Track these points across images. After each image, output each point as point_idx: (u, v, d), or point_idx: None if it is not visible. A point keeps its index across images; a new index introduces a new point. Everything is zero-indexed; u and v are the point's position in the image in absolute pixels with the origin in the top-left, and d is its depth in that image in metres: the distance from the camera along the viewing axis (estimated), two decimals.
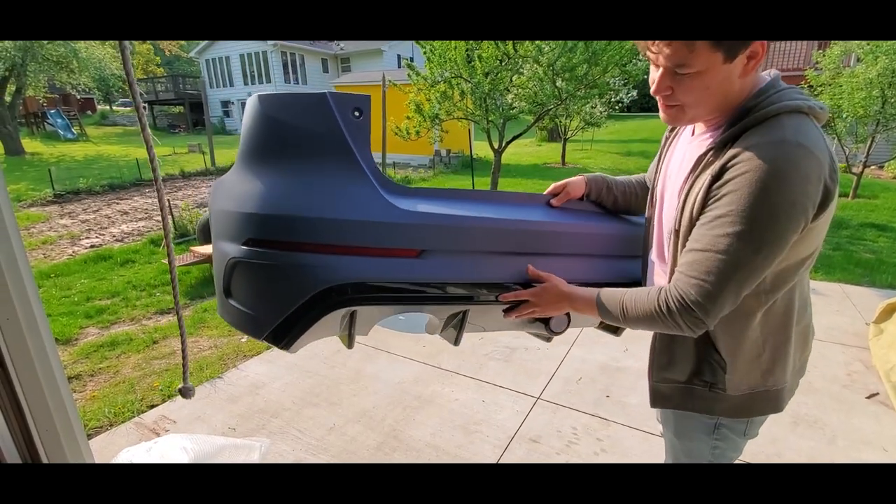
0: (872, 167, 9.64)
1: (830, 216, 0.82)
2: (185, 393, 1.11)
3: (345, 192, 0.93)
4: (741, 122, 0.80)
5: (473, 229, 1.00)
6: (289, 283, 0.92)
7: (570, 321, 1.14)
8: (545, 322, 1.13)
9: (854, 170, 8.14)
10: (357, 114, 0.93)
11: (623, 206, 1.22)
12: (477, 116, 6.57)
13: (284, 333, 0.96)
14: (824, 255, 4.83)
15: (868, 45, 7.34)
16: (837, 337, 3.07)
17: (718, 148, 0.82)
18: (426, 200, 1.00)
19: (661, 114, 0.88)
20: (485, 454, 2.06)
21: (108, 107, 30.27)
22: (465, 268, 1.00)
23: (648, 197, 1.09)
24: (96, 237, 6.57)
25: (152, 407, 2.50)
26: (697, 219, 0.83)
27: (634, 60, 6.74)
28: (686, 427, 1.05)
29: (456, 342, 1.20)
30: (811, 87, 8.38)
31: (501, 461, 2.02)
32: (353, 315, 1.00)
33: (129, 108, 28.25)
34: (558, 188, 1.18)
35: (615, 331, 1.31)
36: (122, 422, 2.38)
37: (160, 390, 2.65)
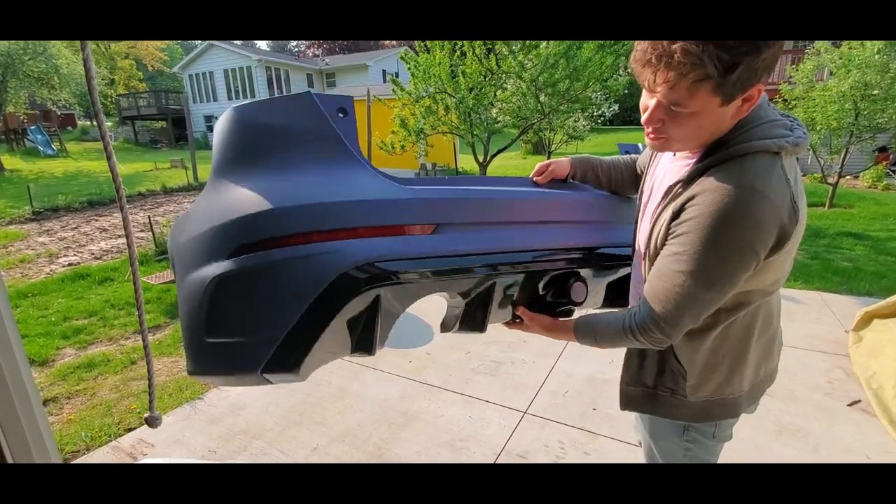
0: (847, 177, 9.92)
1: (792, 251, 0.85)
2: (152, 422, 1.06)
3: (348, 177, 0.91)
4: (708, 159, 0.82)
5: (481, 202, 1.02)
6: (299, 278, 0.83)
7: (587, 291, 1.17)
8: (565, 294, 1.16)
9: (830, 180, 8.38)
10: (342, 114, 0.93)
11: (608, 188, 1.26)
12: (462, 131, 6.63)
13: (290, 351, 0.85)
14: (803, 264, 4.93)
15: (840, 58, 7.61)
16: (817, 345, 3.12)
17: (686, 182, 0.84)
18: (429, 185, 1.01)
19: (647, 140, 0.88)
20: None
21: (88, 122, 29.89)
22: (480, 239, 1.01)
23: (637, 200, 1.11)
24: (74, 255, 6.43)
25: (130, 430, 2.42)
26: (661, 248, 0.87)
27: (615, 76, 6.90)
28: (658, 428, 1.10)
29: (482, 326, 1.14)
30: (785, 101, 8.64)
31: None
32: (373, 312, 0.93)
33: (110, 123, 27.93)
34: (542, 168, 1.21)
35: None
36: (99, 446, 2.30)
37: (138, 413, 2.57)
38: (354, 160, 0.93)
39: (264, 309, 0.85)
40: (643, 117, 0.84)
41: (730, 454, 2.13)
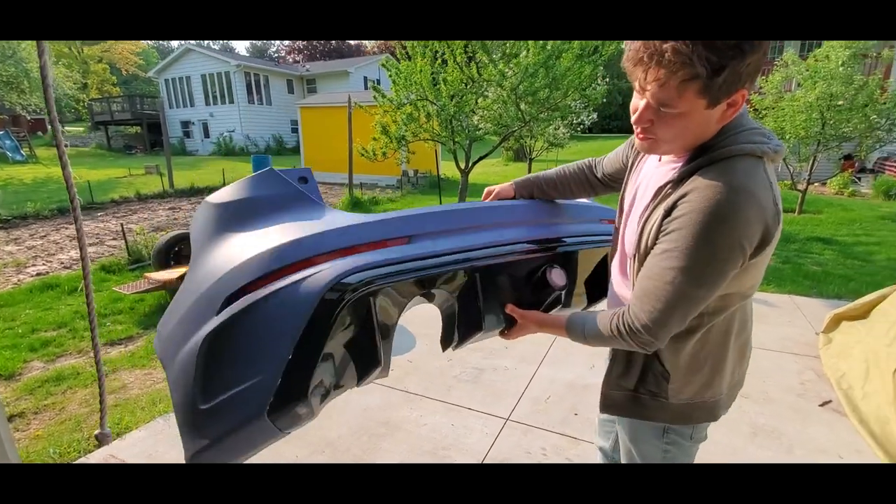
0: (815, 184, 10.29)
1: (770, 254, 0.88)
2: (102, 439, 1.03)
3: (320, 217, 1.00)
4: (697, 161, 0.85)
5: (448, 213, 1.13)
6: (290, 303, 0.87)
7: (567, 278, 1.24)
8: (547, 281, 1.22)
9: (799, 187, 8.66)
10: (303, 182, 1.06)
11: (559, 199, 1.34)
12: (443, 138, 6.65)
13: (295, 380, 0.85)
14: (775, 268, 5.08)
15: (807, 70, 7.92)
16: (790, 347, 3.20)
17: (676, 182, 0.87)
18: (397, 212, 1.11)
19: (636, 141, 0.91)
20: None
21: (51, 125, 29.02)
22: (447, 242, 1.09)
23: (618, 204, 1.14)
24: (43, 264, 6.20)
25: (100, 446, 2.33)
26: (652, 247, 0.88)
27: (593, 85, 7.03)
28: (639, 431, 1.12)
29: (479, 324, 1.17)
30: (756, 110, 8.93)
31: None
32: (369, 324, 0.97)
33: (82, 129, 27.20)
34: (488, 193, 1.31)
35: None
36: (68, 462, 2.21)
37: (109, 427, 2.48)
38: (324, 207, 1.04)
39: (260, 345, 0.88)
40: (633, 117, 0.87)
41: (707, 457, 2.17)
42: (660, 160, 0.99)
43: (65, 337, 3.81)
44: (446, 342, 1.21)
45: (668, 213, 0.85)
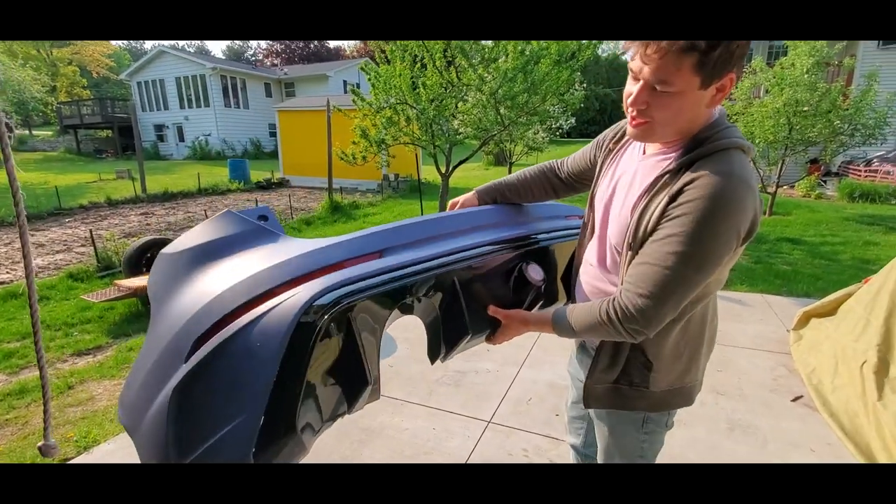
0: (784, 187, 10.65)
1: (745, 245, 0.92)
2: (46, 451, 0.98)
3: (289, 244, 0.98)
4: (697, 150, 0.88)
5: (417, 224, 1.13)
6: (264, 334, 0.82)
7: (544, 272, 1.24)
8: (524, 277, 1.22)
9: (769, 190, 8.95)
10: (263, 220, 1.05)
11: (523, 202, 1.36)
12: (423, 142, 6.65)
13: (280, 412, 0.80)
14: (747, 268, 5.22)
15: (774, 77, 8.20)
16: (762, 344, 3.29)
17: (674, 172, 0.89)
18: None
19: (629, 129, 0.93)
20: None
21: (27, 131, 28.06)
22: (420, 251, 1.08)
23: (588, 202, 1.16)
24: (6, 273, 5.95)
25: (66, 461, 2.23)
26: (651, 234, 0.89)
27: (571, 90, 7.13)
28: (618, 424, 1.14)
29: (466, 328, 1.15)
30: (727, 116, 9.19)
31: None
32: (352, 342, 0.93)
33: (50, 133, 26.32)
34: (453, 204, 1.32)
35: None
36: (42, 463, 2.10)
37: (75, 441, 2.38)
38: (286, 237, 1.02)
39: (237, 384, 0.82)
40: (629, 101, 0.89)
41: (687, 453, 2.20)
42: (644, 153, 1.00)
43: (29, 348, 3.64)
44: (434, 354, 1.19)
45: (673, 198, 0.86)
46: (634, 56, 0.84)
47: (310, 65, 31.25)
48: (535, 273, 1.21)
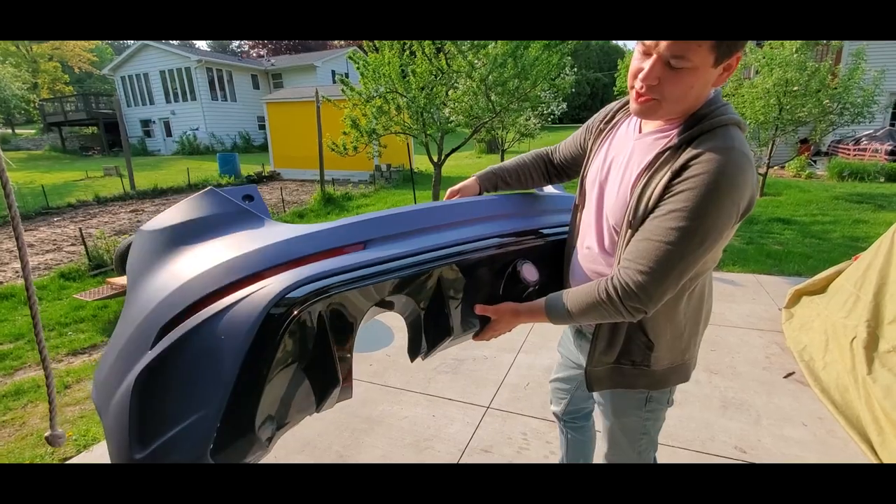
0: (775, 167, 10.71)
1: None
2: (54, 441, 0.98)
3: (270, 229, 0.93)
4: (697, 127, 0.88)
5: (404, 215, 1.06)
6: (231, 325, 0.79)
7: (546, 270, 1.19)
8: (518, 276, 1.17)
9: (760, 170, 8.99)
10: (248, 201, 0.99)
11: (521, 188, 1.34)
12: (415, 131, 6.60)
13: (240, 408, 0.78)
14: (739, 249, 5.27)
15: (764, 57, 8.20)
16: (755, 323, 3.33)
17: (676, 148, 0.89)
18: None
19: (633, 106, 0.92)
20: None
21: (9, 130, 27.51)
22: (405, 244, 1.03)
23: (578, 187, 1.15)
24: None
25: (66, 460, 2.23)
26: (652, 211, 0.89)
27: (562, 75, 7.09)
28: (621, 405, 1.15)
29: (449, 329, 1.10)
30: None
31: None
32: (324, 338, 0.89)
33: (33, 131, 25.82)
34: (453, 193, 1.28)
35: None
36: (41, 463, 2.11)
37: (74, 440, 2.38)
38: (267, 221, 0.97)
39: (198, 378, 0.79)
40: (640, 76, 0.87)
41: (682, 431, 2.23)
42: (640, 131, 1.00)
43: (23, 349, 3.62)
44: (414, 352, 1.14)
45: (676, 174, 0.86)
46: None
47: (297, 55, 30.79)
48: (529, 273, 1.15)
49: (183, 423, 0.79)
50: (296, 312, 0.82)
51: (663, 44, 0.81)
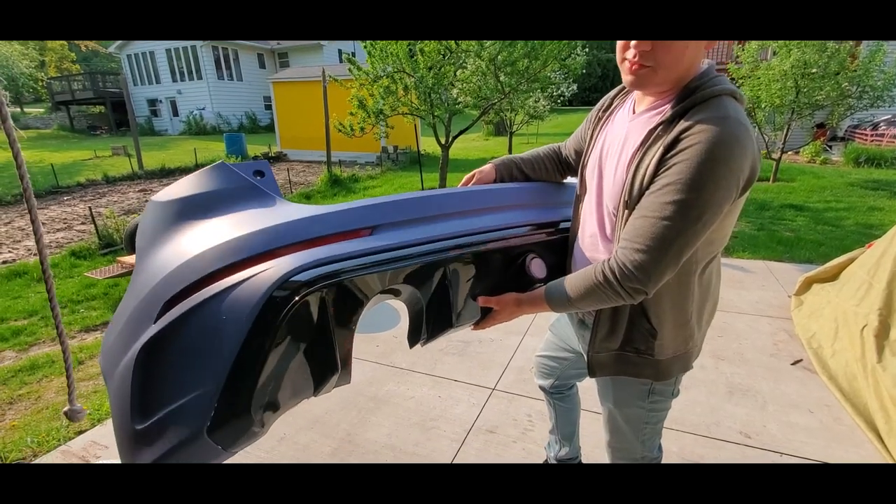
0: (790, 153, 10.51)
1: (746, 195, 0.90)
2: (72, 416, 1.00)
3: (280, 208, 0.92)
4: (690, 99, 0.85)
5: (415, 200, 1.04)
6: (233, 305, 0.79)
7: (547, 268, 1.17)
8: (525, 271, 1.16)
9: (773, 156, 8.83)
10: (259, 176, 0.99)
11: (535, 180, 1.31)
12: (422, 111, 6.53)
13: (235, 393, 0.78)
14: (750, 236, 5.21)
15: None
16: (764, 310, 3.31)
17: (668, 122, 0.86)
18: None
19: (626, 77, 0.90)
20: (442, 450, 2.05)
21: (18, 109, 27.57)
22: (416, 231, 1.01)
23: (578, 177, 1.13)
24: (9, 252, 5.96)
25: (81, 433, 2.29)
26: (647, 188, 0.86)
27: (573, 55, 6.94)
28: (624, 396, 1.14)
29: (450, 320, 1.09)
30: (733, 79, 8.99)
31: (459, 454, 2.02)
32: (325, 326, 0.88)
33: (42, 110, 25.87)
34: (468, 179, 1.26)
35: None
36: (48, 451, 2.16)
37: (88, 414, 2.43)
38: (277, 200, 0.96)
39: (198, 356, 0.80)
40: (632, 44, 0.85)
41: (687, 416, 2.24)
42: (633, 112, 0.98)
43: (36, 325, 3.69)
44: (413, 340, 1.13)
45: (669, 148, 0.84)
46: None
47: None
48: (537, 270, 1.13)
49: (181, 400, 0.80)
50: (298, 297, 0.82)
51: None
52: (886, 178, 8.93)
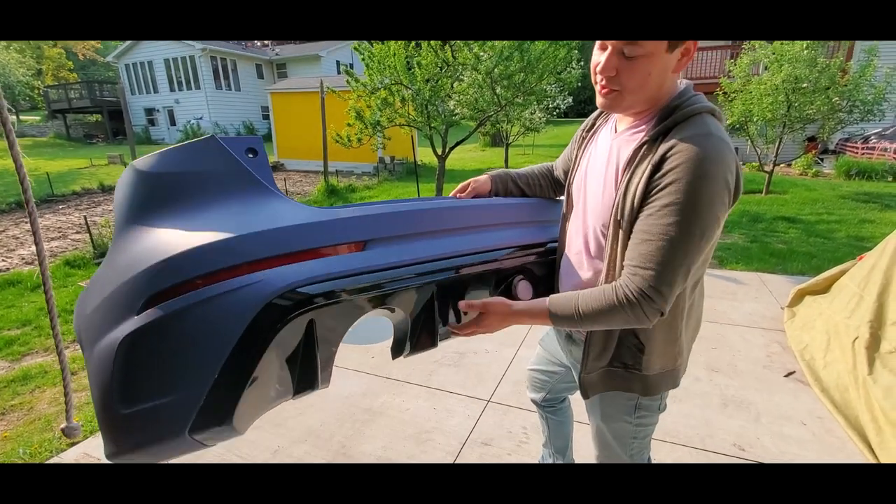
0: (782, 165, 10.63)
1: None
2: (69, 433, 0.99)
3: (263, 209, 0.87)
4: (671, 118, 0.88)
5: (409, 214, 1.02)
6: (219, 318, 0.78)
7: (533, 291, 1.16)
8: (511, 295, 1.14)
9: (766, 168, 8.93)
10: (251, 155, 0.92)
11: (529, 196, 1.33)
12: (419, 123, 6.58)
13: (219, 401, 0.78)
14: (743, 248, 5.25)
15: (773, 53, 8.11)
16: (756, 322, 3.34)
17: (652, 141, 0.89)
18: (356, 207, 1.00)
19: (599, 100, 0.93)
20: (437, 462, 2.04)
21: (14, 117, 27.53)
22: (410, 250, 0.99)
23: (565, 196, 1.15)
24: (2, 261, 5.93)
25: (73, 444, 2.27)
26: (640, 209, 0.88)
27: (568, 69, 7.04)
28: (611, 411, 1.15)
29: (434, 341, 1.09)
30: (725, 93, 9.12)
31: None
32: (310, 343, 0.88)
33: (38, 118, 25.85)
34: (464, 187, 1.26)
35: None
36: (40, 462, 2.14)
37: (81, 425, 2.41)
38: (270, 193, 0.90)
39: (184, 360, 0.79)
40: (598, 69, 0.89)
41: (681, 429, 2.24)
42: (615, 131, 1.00)
43: (29, 335, 3.67)
44: (397, 352, 1.12)
45: (657, 166, 0.85)
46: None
47: (302, 45, 30.58)
48: (524, 293, 1.12)
49: (165, 399, 0.79)
50: (288, 316, 0.82)
51: None
52: (877, 190, 9.05)
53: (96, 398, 0.82)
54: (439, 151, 6.91)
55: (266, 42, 40.07)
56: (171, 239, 0.82)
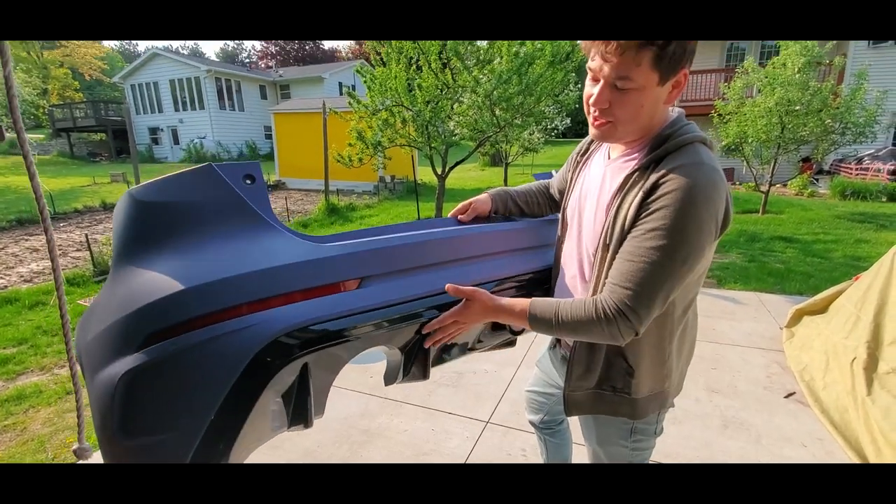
0: (777, 185, 10.74)
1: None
2: (80, 454, 0.99)
3: (260, 245, 0.87)
4: (663, 147, 0.90)
5: (407, 248, 1.00)
6: (216, 361, 0.79)
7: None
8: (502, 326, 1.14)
9: (762, 188, 9.02)
10: (249, 181, 0.91)
11: (528, 214, 1.34)
12: (419, 143, 6.67)
13: (216, 440, 0.80)
14: (741, 267, 5.27)
15: (766, 77, 8.28)
16: (756, 342, 3.33)
17: (644, 168, 0.91)
18: (347, 239, 1.00)
19: (592, 131, 0.96)
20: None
21: (17, 135, 27.78)
22: (407, 285, 0.98)
23: (560, 218, 1.17)
24: (1, 278, 5.93)
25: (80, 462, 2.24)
26: (629, 232, 0.90)
27: (566, 91, 7.17)
28: (606, 435, 1.14)
29: (425, 373, 1.11)
30: (720, 115, 9.28)
31: None
32: (304, 383, 0.89)
33: (42, 136, 26.13)
34: (464, 207, 1.27)
35: (511, 344, 1.35)
36: (39, 463, 2.11)
37: (91, 448, 2.38)
38: (266, 226, 0.90)
39: (182, 400, 0.80)
40: (591, 101, 0.91)
41: (681, 450, 2.23)
42: (608, 158, 1.03)
43: (25, 354, 3.64)
44: (390, 380, 1.13)
45: (649, 193, 0.87)
46: (594, 56, 0.87)
47: (305, 67, 31.19)
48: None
49: (161, 435, 0.80)
50: (285, 358, 0.83)
51: (607, 68, 0.84)
52: (872, 210, 9.12)
53: (97, 426, 0.83)
54: (439, 171, 6.99)
55: (270, 64, 40.87)
56: (166, 276, 0.82)
